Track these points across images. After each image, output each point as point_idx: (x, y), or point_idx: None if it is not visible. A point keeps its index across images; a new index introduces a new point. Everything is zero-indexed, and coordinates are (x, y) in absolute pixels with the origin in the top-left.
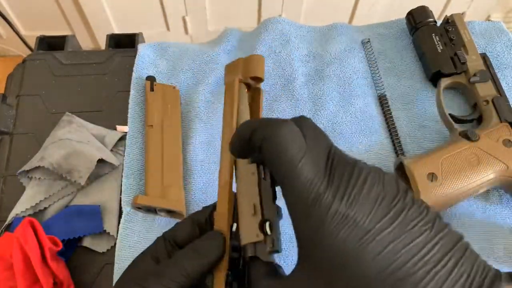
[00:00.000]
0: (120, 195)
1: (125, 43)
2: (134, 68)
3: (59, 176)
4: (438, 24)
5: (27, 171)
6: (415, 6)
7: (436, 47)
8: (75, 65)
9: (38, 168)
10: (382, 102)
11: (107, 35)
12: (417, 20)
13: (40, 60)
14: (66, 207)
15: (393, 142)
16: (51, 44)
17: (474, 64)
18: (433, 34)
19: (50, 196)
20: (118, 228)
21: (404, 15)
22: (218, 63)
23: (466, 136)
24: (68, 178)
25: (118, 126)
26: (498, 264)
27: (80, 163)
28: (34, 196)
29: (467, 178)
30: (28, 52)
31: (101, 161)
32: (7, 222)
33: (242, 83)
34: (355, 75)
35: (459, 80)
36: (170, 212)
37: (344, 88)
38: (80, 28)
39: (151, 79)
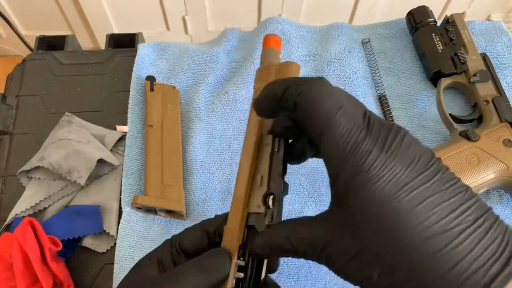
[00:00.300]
0: (120, 195)
1: (125, 43)
2: (134, 68)
3: (59, 176)
4: (438, 24)
5: (27, 171)
6: (415, 6)
7: (436, 47)
8: (75, 65)
9: (38, 168)
10: (382, 102)
11: (107, 35)
12: (417, 20)
13: (40, 60)
14: (66, 207)
15: None
16: (51, 44)
17: (474, 64)
18: (433, 34)
19: (50, 196)
20: (118, 228)
21: (404, 15)
22: (218, 63)
23: (466, 136)
24: (68, 178)
25: (118, 126)
26: None
27: (80, 163)
28: (34, 196)
29: (467, 178)
30: (28, 52)
31: (101, 161)
32: (7, 222)
33: None
34: (355, 75)
35: (459, 80)
36: (170, 212)
37: (344, 88)
38: (80, 28)
39: (151, 79)
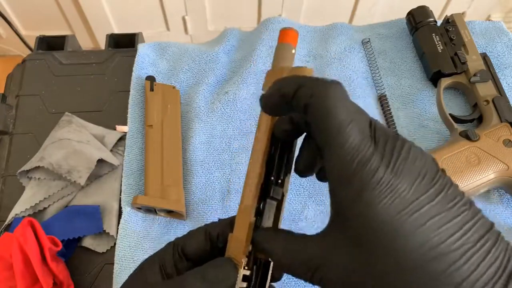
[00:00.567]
0: (120, 195)
1: (124, 43)
2: (134, 68)
3: (59, 176)
4: (439, 24)
5: (27, 171)
6: (415, 6)
7: (436, 47)
8: (75, 65)
9: (38, 168)
10: (382, 102)
11: (107, 35)
12: (417, 20)
13: (40, 60)
14: (66, 207)
15: None
16: (51, 44)
17: (474, 64)
18: (433, 34)
19: (50, 196)
20: (118, 228)
21: (404, 15)
22: (218, 63)
23: (467, 136)
24: (68, 178)
25: (118, 126)
26: None
27: (80, 163)
28: (34, 196)
29: (467, 178)
30: (28, 52)
31: (101, 161)
32: (7, 222)
33: None
34: (355, 75)
35: (459, 80)
36: (170, 212)
37: None
38: (80, 28)
39: (151, 79)
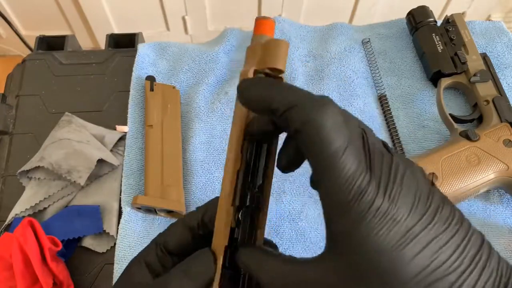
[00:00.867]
0: (120, 195)
1: (124, 43)
2: (134, 68)
3: (59, 176)
4: (439, 24)
5: (27, 171)
6: (415, 6)
7: (436, 47)
8: (75, 65)
9: (38, 168)
10: (382, 102)
11: (107, 35)
12: (417, 20)
13: (40, 60)
14: (66, 207)
15: (393, 142)
16: (51, 44)
17: (474, 64)
18: (433, 34)
19: (49, 196)
20: (118, 228)
21: (404, 15)
22: (218, 63)
23: (467, 136)
24: (68, 178)
25: (118, 126)
26: None
27: (79, 163)
28: (34, 196)
29: (467, 178)
30: (28, 52)
31: (101, 161)
32: (7, 222)
33: (259, 73)
34: (355, 75)
35: (459, 80)
36: (170, 212)
37: (344, 88)
38: (80, 28)
39: (151, 79)
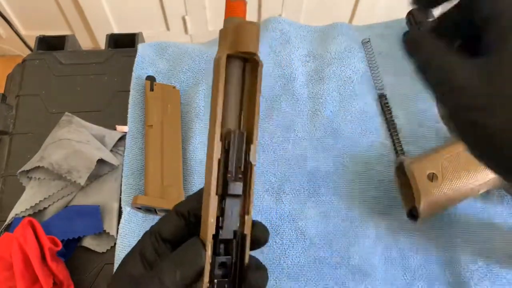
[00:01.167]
0: (120, 195)
1: (125, 43)
2: (134, 68)
3: (59, 176)
4: None
5: (27, 171)
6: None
7: None
8: (75, 65)
9: (38, 168)
10: (382, 101)
11: (107, 35)
12: (417, 19)
13: (40, 60)
14: (66, 207)
15: (393, 141)
16: (51, 44)
17: None
18: None
19: (50, 196)
20: (118, 228)
21: (404, 15)
22: None
23: None
24: (68, 178)
25: (118, 126)
26: (498, 264)
27: (80, 163)
28: (34, 196)
29: (467, 178)
30: (28, 52)
31: (101, 161)
32: (7, 222)
33: (234, 58)
34: (355, 75)
35: None
36: None
37: (344, 88)
38: (80, 28)
39: (151, 79)
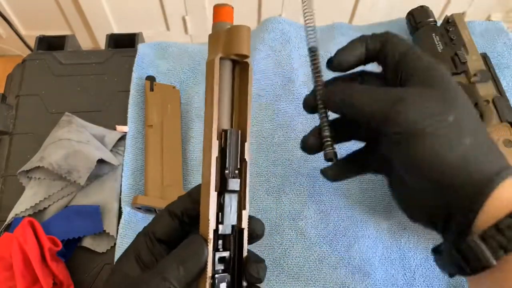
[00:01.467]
0: (120, 195)
1: (125, 43)
2: (134, 68)
3: (59, 176)
4: (439, 24)
5: (27, 171)
6: (415, 6)
7: (436, 47)
8: (75, 65)
9: (38, 168)
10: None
11: (107, 35)
12: (417, 20)
13: (40, 60)
14: (66, 207)
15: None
16: (51, 44)
17: (474, 64)
18: (433, 34)
19: (50, 196)
20: (118, 228)
21: (404, 15)
22: None
23: None
24: (68, 178)
25: (118, 126)
26: None
27: (79, 163)
28: (34, 196)
29: None
30: (28, 52)
31: (101, 161)
32: (7, 222)
33: (225, 59)
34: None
35: (459, 80)
36: None
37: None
38: (80, 28)
39: (151, 79)
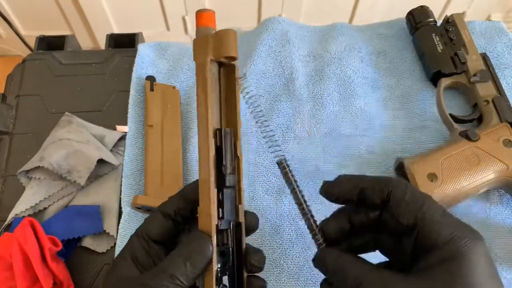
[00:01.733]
0: (120, 195)
1: (125, 43)
2: (134, 68)
3: (59, 176)
4: (438, 24)
5: (27, 171)
6: (415, 6)
7: (436, 47)
8: (75, 65)
9: (38, 168)
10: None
11: (107, 35)
12: (417, 20)
13: (40, 60)
14: (66, 207)
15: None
16: (51, 44)
17: (474, 64)
18: (433, 34)
19: (50, 196)
20: (118, 228)
21: (404, 15)
22: None
23: (466, 136)
24: (68, 178)
25: (118, 126)
26: (498, 264)
27: (80, 163)
28: (34, 196)
29: (467, 178)
30: (28, 52)
31: (101, 161)
32: (7, 222)
33: (212, 62)
34: (355, 75)
35: (459, 80)
36: None
37: (344, 88)
38: (80, 28)
39: (151, 79)
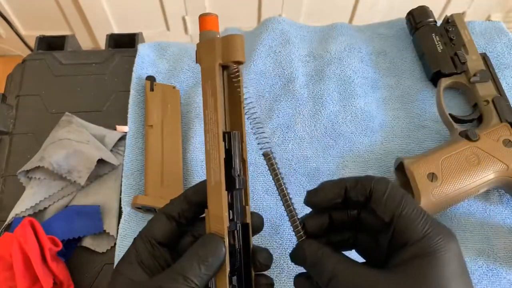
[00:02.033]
0: (120, 195)
1: (125, 43)
2: (134, 68)
3: (59, 176)
4: (438, 24)
5: (27, 171)
6: (415, 6)
7: (436, 47)
8: (75, 65)
9: (38, 168)
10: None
11: (107, 35)
12: (417, 20)
13: (40, 60)
14: (66, 207)
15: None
16: (51, 44)
17: (474, 64)
18: (433, 34)
19: (50, 196)
20: (118, 228)
21: (404, 15)
22: None
23: (466, 136)
24: (68, 178)
25: (118, 126)
26: (498, 264)
27: (80, 163)
28: (34, 196)
29: (467, 178)
30: (28, 52)
31: (101, 161)
32: (7, 222)
33: (223, 66)
34: (355, 75)
35: (459, 80)
36: None
37: (344, 88)
38: (80, 28)
39: (151, 79)
